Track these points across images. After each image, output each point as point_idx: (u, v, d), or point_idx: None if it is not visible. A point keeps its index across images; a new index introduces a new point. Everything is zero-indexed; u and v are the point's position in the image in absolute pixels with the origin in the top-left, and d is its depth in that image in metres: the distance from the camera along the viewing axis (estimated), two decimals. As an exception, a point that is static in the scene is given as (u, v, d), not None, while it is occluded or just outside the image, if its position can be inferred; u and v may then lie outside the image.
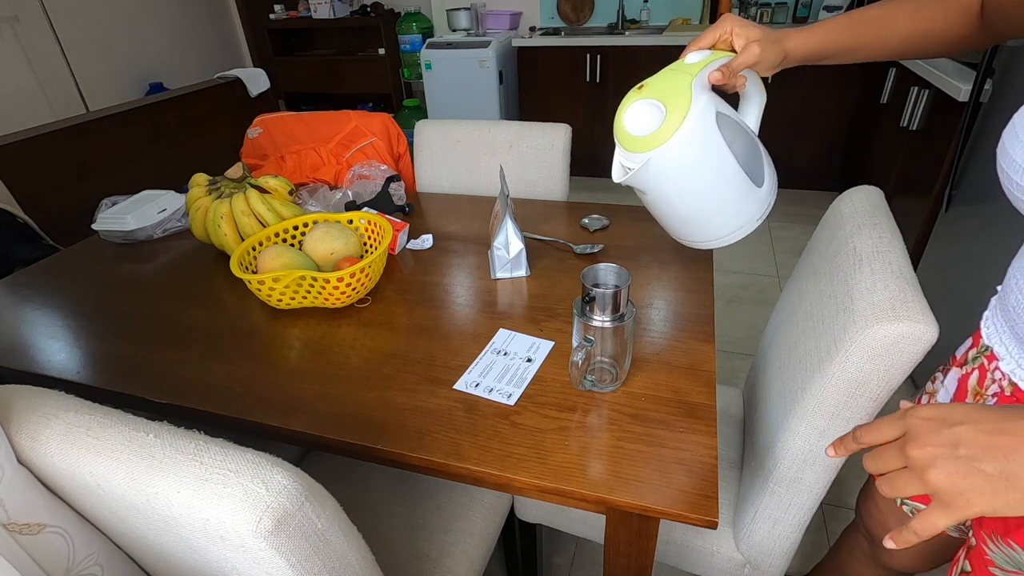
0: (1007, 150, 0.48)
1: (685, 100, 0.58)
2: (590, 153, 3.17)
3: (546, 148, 1.37)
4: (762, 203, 0.67)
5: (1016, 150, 0.47)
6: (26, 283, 1.10)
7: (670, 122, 0.58)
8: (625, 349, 0.70)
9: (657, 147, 0.59)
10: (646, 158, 0.60)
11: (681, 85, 0.59)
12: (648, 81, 0.63)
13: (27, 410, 0.53)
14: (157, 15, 3.75)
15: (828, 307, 0.73)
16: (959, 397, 0.67)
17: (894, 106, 2.17)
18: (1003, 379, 0.59)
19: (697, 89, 0.59)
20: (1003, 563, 0.56)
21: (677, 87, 0.59)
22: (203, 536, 0.46)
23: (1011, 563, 0.56)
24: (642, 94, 0.61)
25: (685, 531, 0.89)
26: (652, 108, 0.60)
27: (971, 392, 0.64)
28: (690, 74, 0.60)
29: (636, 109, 0.61)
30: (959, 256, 1.49)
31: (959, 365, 0.69)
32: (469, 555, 0.88)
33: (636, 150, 0.60)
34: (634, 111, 0.61)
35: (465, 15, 3.29)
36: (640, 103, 0.61)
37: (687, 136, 0.58)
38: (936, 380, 0.74)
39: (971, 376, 0.65)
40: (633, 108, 0.62)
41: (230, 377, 0.80)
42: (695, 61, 0.62)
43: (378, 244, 1.02)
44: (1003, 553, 0.56)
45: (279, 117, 1.61)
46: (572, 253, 1.07)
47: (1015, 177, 0.48)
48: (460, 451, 0.65)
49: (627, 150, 0.61)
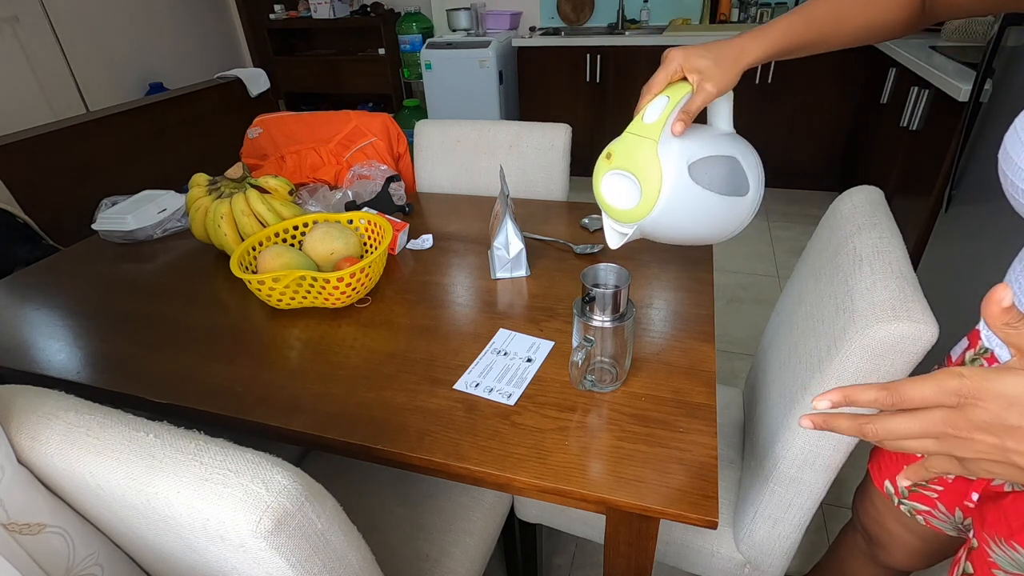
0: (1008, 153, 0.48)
1: (656, 172, 0.60)
2: (590, 153, 3.15)
3: (546, 148, 1.37)
4: (751, 204, 0.69)
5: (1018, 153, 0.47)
6: (26, 283, 1.10)
7: (647, 197, 0.61)
8: (625, 349, 0.71)
9: (642, 218, 0.63)
10: (634, 227, 0.64)
11: (648, 154, 0.60)
12: (614, 148, 0.64)
13: (27, 410, 0.53)
14: (157, 15, 3.75)
15: (828, 307, 0.73)
16: None
17: (894, 106, 2.17)
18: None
19: (664, 154, 0.61)
20: (1007, 565, 0.56)
21: (644, 157, 0.61)
22: (203, 536, 0.46)
23: (1016, 565, 0.55)
24: (612, 165, 0.63)
25: (685, 531, 0.89)
26: (626, 181, 0.62)
27: None
28: (654, 139, 0.61)
29: (611, 183, 0.64)
30: (959, 256, 1.49)
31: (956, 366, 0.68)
32: (469, 555, 0.88)
33: (623, 220, 0.64)
34: (609, 185, 0.64)
35: (465, 15, 3.29)
36: (613, 176, 0.63)
37: (667, 204, 0.62)
38: None
39: None
40: (607, 181, 0.64)
41: (230, 377, 0.80)
42: (654, 120, 0.63)
43: (378, 244, 1.02)
44: (1007, 556, 0.56)
45: (279, 117, 1.61)
46: (572, 253, 1.07)
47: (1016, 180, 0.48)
48: (460, 451, 0.65)
49: (615, 220, 0.65)
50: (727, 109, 0.70)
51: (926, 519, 0.74)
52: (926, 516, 0.74)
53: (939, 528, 0.74)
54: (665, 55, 0.67)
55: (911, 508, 0.75)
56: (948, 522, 0.72)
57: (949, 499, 0.70)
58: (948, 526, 0.73)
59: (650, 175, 0.61)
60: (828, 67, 2.67)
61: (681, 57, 0.66)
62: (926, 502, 0.73)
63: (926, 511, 0.73)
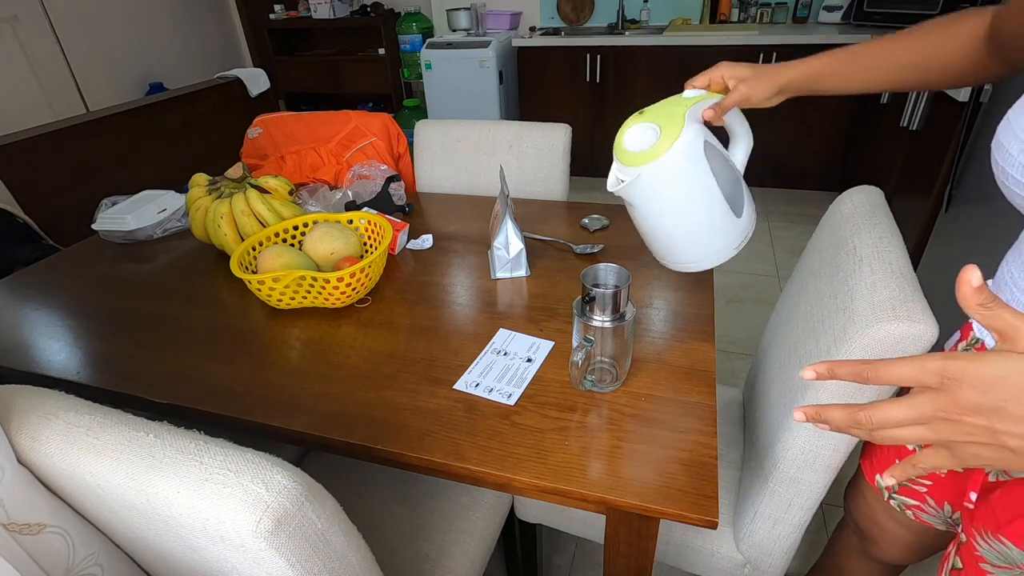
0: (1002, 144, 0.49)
1: (678, 126, 0.65)
2: (590, 153, 3.17)
3: (546, 148, 1.37)
4: (739, 233, 0.73)
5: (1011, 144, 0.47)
6: (26, 283, 1.10)
7: (662, 143, 0.65)
8: (625, 349, 0.71)
9: (648, 163, 0.65)
10: (638, 172, 0.66)
11: (676, 114, 0.66)
12: (648, 108, 0.69)
13: (27, 410, 0.53)
14: (157, 15, 3.75)
15: (828, 307, 0.73)
16: None
17: (894, 106, 2.17)
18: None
19: (690, 119, 0.66)
20: (994, 559, 0.56)
21: (672, 115, 0.66)
22: (203, 536, 0.46)
23: (1002, 559, 0.56)
24: (642, 118, 0.68)
25: (685, 531, 0.89)
26: (648, 130, 0.67)
27: None
28: (685, 106, 0.67)
29: (635, 130, 0.68)
30: (959, 256, 1.49)
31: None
32: (469, 555, 0.88)
33: (630, 164, 0.67)
34: (633, 131, 0.68)
35: (465, 15, 3.29)
36: (639, 125, 0.68)
37: (676, 156, 0.65)
38: None
39: None
40: (632, 129, 0.68)
41: (230, 377, 0.80)
42: (691, 96, 0.70)
43: (378, 244, 1.02)
44: (994, 549, 0.56)
45: (279, 117, 1.61)
46: (572, 253, 1.07)
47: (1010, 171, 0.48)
48: (460, 451, 0.65)
49: (622, 164, 0.67)
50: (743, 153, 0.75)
51: (915, 514, 0.74)
52: (915, 511, 0.74)
53: (928, 523, 0.74)
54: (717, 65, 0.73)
55: (900, 503, 0.75)
56: (937, 517, 0.73)
57: (938, 493, 0.70)
58: (937, 520, 0.73)
59: (672, 128, 0.65)
60: (828, 67, 2.67)
61: (726, 65, 0.72)
62: (915, 496, 0.73)
63: (915, 506, 0.74)
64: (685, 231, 0.72)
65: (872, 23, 2.66)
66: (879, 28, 2.61)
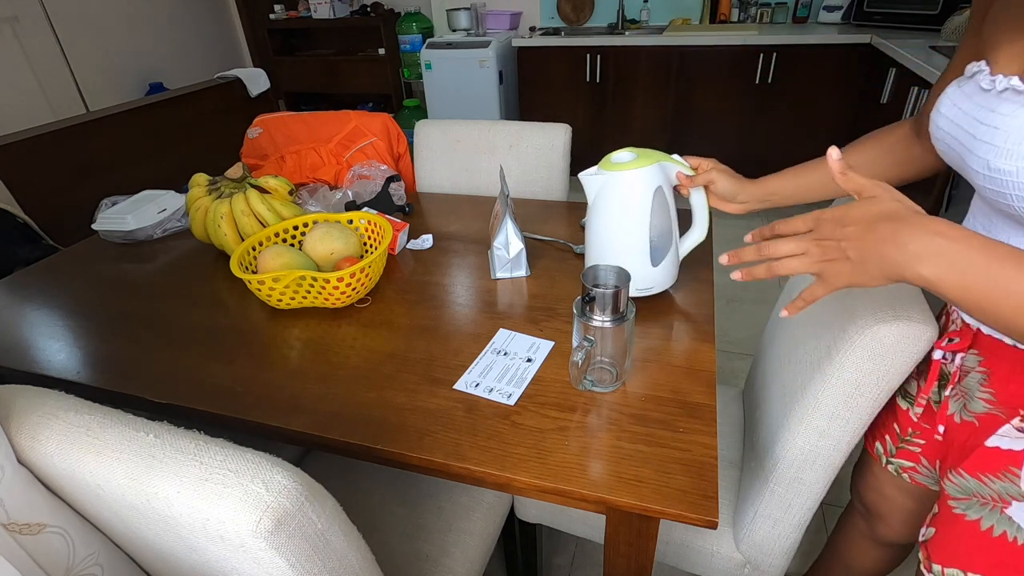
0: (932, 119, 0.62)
1: (648, 163, 0.81)
2: (590, 153, 3.14)
3: (546, 148, 1.37)
4: (647, 279, 0.86)
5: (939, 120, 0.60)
6: (26, 283, 1.10)
7: (629, 165, 0.80)
8: (625, 349, 0.71)
9: (611, 171, 0.81)
10: (603, 173, 0.82)
11: (654, 157, 0.82)
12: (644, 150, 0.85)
13: (27, 410, 0.53)
14: (157, 15, 3.75)
15: (828, 307, 0.73)
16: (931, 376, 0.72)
17: (894, 106, 2.17)
18: (956, 317, 0.67)
19: (659, 166, 0.82)
20: (956, 493, 0.63)
21: (651, 156, 0.82)
22: (203, 536, 0.46)
23: (962, 491, 0.62)
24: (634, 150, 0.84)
25: (685, 531, 0.89)
26: (630, 155, 0.83)
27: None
28: (666, 159, 0.83)
29: (625, 153, 0.84)
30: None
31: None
32: (469, 555, 0.88)
33: (603, 169, 0.83)
34: (623, 154, 0.84)
35: (465, 15, 3.29)
36: (629, 152, 0.83)
37: (630, 178, 0.80)
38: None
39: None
40: (625, 152, 0.84)
41: (230, 377, 0.80)
42: (676, 158, 0.85)
43: (378, 244, 1.02)
44: (955, 484, 0.63)
45: (279, 117, 1.61)
46: (572, 253, 1.07)
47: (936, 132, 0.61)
48: (460, 451, 0.65)
49: (600, 168, 0.84)
50: (691, 242, 0.91)
51: (911, 476, 0.79)
52: (911, 473, 0.78)
53: (923, 484, 0.78)
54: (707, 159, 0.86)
55: (898, 466, 0.79)
56: (930, 477, 0.77)
57: (931, 453, 0.75)
58: (931, 481, 0.77)
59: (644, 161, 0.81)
60: (828, 67, 2.67)
61: (715, 161, 0.84)
62: (911, 458, 0.77)
63: (911, 467, 0.78)
64: (608, 240, 0.84)
65: (872, 23, 2.66)
66: (879, 28, 2.61)
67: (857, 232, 0.49)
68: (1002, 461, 0.58)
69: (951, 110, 0.58)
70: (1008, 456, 0.58)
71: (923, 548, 0.67)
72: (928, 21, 2.45)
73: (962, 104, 0.56)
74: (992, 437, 0.60)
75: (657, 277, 0.86)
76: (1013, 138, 0.49)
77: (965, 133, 0.55)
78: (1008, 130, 0.50)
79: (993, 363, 0.62)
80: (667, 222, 0.84)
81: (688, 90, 2.90)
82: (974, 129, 0.54)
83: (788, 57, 2.69)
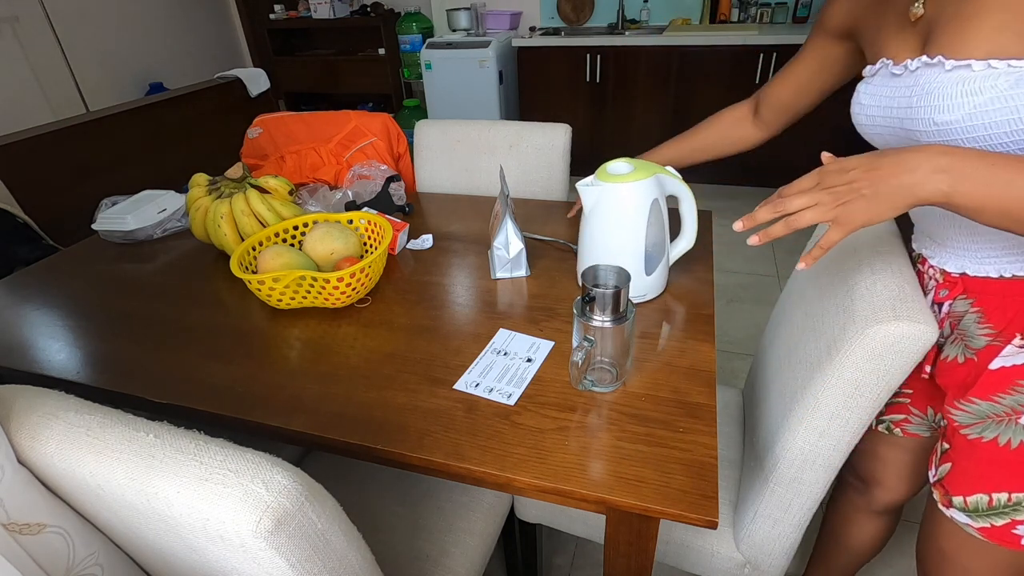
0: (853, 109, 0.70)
1: (644, 176, 0.82)
2: (590, 153, 3.17)
3: (546, 148, 1.37)
4: (640, 287, 0.87)
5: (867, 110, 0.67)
6: (26, 283, 1.10)
7: (626, 178, 0.82)
8: (625, 349, 0.71)
9: (608, 183, 0.82)
10: (601, 184, 0.83)
11: (653, 170, 0.84)
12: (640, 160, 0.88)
13: (27, 410, 0.53)
14: (157, 15, 3.75)
15: (828, 307, 0.73)
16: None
17: (894, 106, 2.16)
18: (935, 272, 0.70)
19: (656, 178, 0.83)
20: (967, 420, 0.66)
21: (650, 169, 0.83)
22: (203, 536, 0.46)
23: (973, 416, 0.65)
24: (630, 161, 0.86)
25: (685, 531, 0.89)
26: (627, 166, 0.85)
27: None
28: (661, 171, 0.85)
29: (621, 163, 0.85)
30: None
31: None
32: (469, 555, 0.88)
33: (600, 179, 0.83)
34: (619, 164, 0.85)
35: (465, 15, 3.29)
36: (626, 163, 0.85)
37: (627, 190, 0.81)
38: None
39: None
40: (621, 162, 0.85)
41: (230, 377, 0.80)
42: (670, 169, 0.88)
43: (378, 244, 1.02)
44: (965, 411, 0.66)
45: (279, 117, 1.61)
46: (572, 253, 1.07)
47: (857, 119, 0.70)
48: (460, 451, 0.65)
49: (597, 178, 0.84)
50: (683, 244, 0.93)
51: (903, 429, 0.82)
52: (903, 426, 0.82)
53: (916, 434, 0.81)
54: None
55: (888, 424, 0.83)
56: (923, 424, 0.80)
57: (920, 402, 0.79)
58: (923, 428, 0.80)
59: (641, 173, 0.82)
60: (828, 67, 2.67)
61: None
62: (901, 410, 0.81)
63: (902, 419, 0.81)
64: (604, 249, 0.85)
65: (872, 23, 2.66)
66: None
67: (863, 172, 0.53)
68: (1009, 378, 0.62)
69: (873, 99, 0.66)
70: (1014, 371, 0.62)
71: (937, 488, 0.70)
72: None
73: (882, 91, 0.64)
74: (995, 360, 0.63)
75: (650, 284, 0.89)
76: (948, 92, 0.56)
77: (899, 108, 0.62)
78: (941, 89, 0.56)
79: (984, 300, 0.65)
80: (661, 232, 0.86)
81: (688, 90, 2.90)
82: (908, 102, 0.60)
83: (788, 57, 2.67)
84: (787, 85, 0.90)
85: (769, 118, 0.94)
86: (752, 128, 0.95)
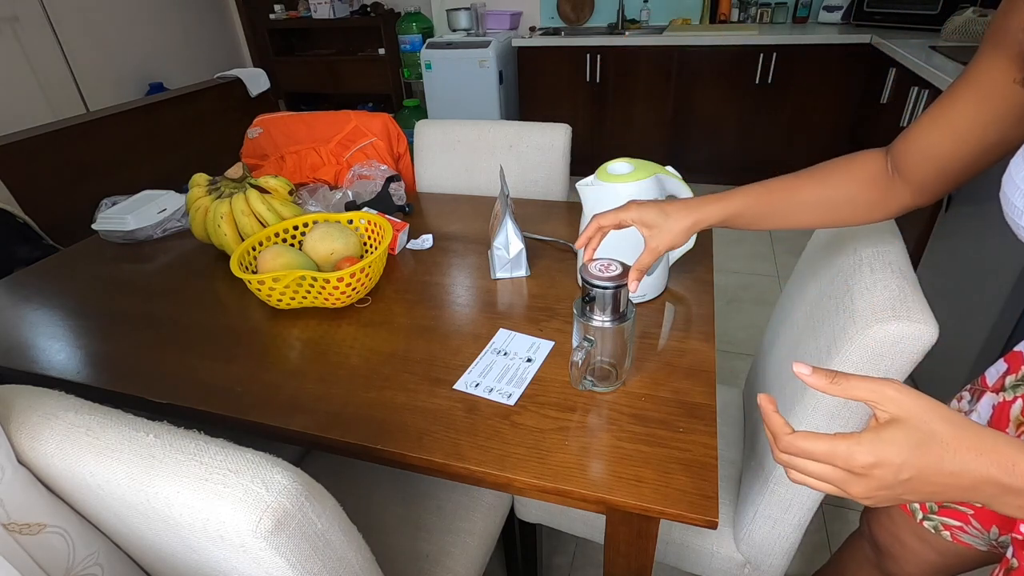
0: (1007, 196, 0.49)
1: (644, 176, 0.83)
2: (590, 153, 3.17)
3: (546, 148, 1.37)
4: (640, 288, 0.87)
5: (1015, 196, 0.49)
6: (26, 283, 1.10)
7: (626, 178, 0.83)
8: (625, 349, 0.70)
9: (609, 183, 0.83)
10: (601, 184, 0.84)
11: (653, 170, 0.85)
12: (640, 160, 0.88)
13: (27, 410, 0.53)
14: (157, 15, 3.75)
15: (828, 307, 0.73)
16: (997, 425, 0.65)
17: (894, 106, 2.17)
18: None
19: (656, 178, 0.84)
20: None
21: (650, 169, 0.84)
22: (203, 536, 0.46)
23: None
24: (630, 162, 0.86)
25: (685, 531, 0.89)
26: (628, 167, 0.85)
27: (1013, 422, 0.63)
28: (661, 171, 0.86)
29: (621, 164, 0.86)
30: (959, 256, 1.49)
31: (994, 391, 0.67)
32: (469, 555, 0.88)
33: (600, 179, 0.85)
34: (619, 164, 0.86)
35: (465, 15, 3.29)
36: (626, 163, 0.86)
37: (627, 190, 0.82)
38: (962, 400, 0.73)
39: (1013, 405, 0.63)
40: (621, 162, 0.86)
41: (230, 377, 0.80)
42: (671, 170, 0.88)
43: (378, 244, 1.02)
44: None
45: (279, 117, 1.61)
46: (572, 253, 1.07)
47: (1019, 220, 0.50)
48: (460, 451, 0.65)
49: (597, 178, 0.86)
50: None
51: (954, 534, 0.71)
52: (955, 531, 0.71)
53: (968, 544, 0.70)
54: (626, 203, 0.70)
55: (938, 524, 0.72)
56: (981, 538, 0.69)
57: (985, 517, 0.68)
58: (980, 542, 0.70)
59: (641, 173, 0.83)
60: (828, 67, 2.67)
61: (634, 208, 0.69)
62: (958, 517, 0.70)
63: (957, 527, 0.70)
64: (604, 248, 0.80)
65: (872, 23, 2.66)
66: (879, 28, 2.61)
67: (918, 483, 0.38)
68: None
69: None
70: None
71: None
72: (928, 21, 2.45)
73: None
74: None
75: (650, 284, 0.89)
76: None
77: None
78: None
79: None
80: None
81: (688, 90, 2.90)
82: None
83: (788, 57, 2.69)
84: (938, 130, 0.58)
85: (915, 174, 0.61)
86: (901, 188, 0.62)
